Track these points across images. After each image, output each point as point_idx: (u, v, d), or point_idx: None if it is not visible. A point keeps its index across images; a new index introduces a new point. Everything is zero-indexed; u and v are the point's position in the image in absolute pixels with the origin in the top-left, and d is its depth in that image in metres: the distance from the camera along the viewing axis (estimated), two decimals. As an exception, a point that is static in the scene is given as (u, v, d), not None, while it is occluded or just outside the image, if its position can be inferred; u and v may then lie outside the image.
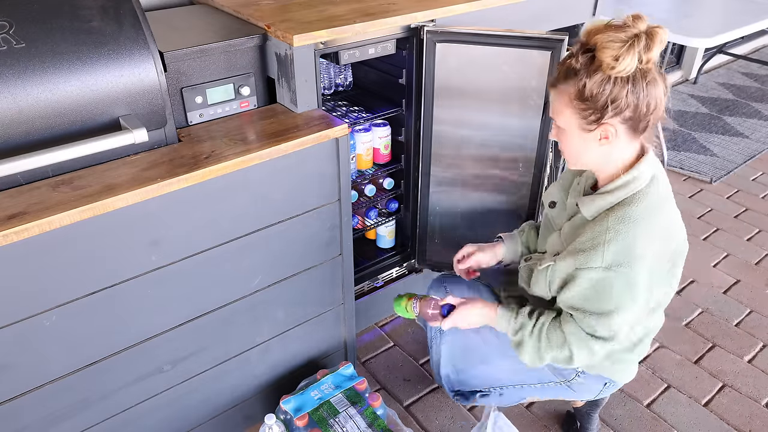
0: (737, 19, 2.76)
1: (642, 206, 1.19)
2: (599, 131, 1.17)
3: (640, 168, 1.20)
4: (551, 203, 1.43)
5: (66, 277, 1.14)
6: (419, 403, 1.83)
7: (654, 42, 1.09)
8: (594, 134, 1.18)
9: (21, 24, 1.10)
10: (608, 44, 1.09)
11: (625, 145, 1.20)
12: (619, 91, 1.11)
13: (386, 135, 1.89)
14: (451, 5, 1.62)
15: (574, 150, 1.24)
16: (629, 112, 1.14)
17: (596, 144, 1.19)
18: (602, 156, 1.22)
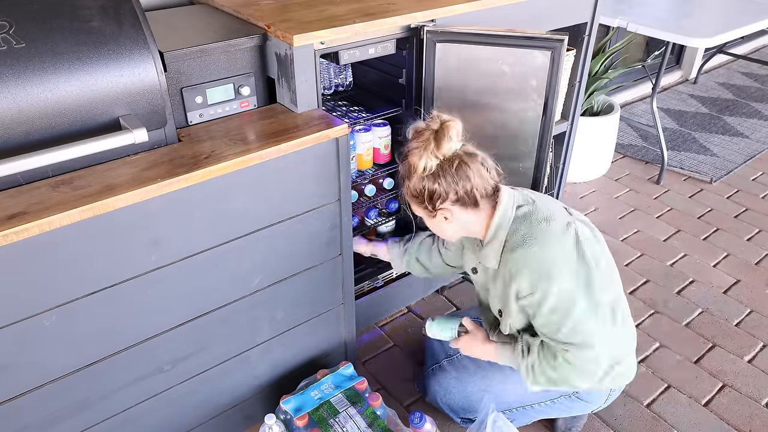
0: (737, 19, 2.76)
1: (521, 234, 1.33)
2: (440, 215, 1.36)
3: (499, 212, 1.35)
4: (473, 269, 1.54)
5: (66, 277, 1.14)
6: (419, 403, 1.83)
7: (442, 138, 1.27)
8: (438, 218, 1.37)
9: (21, 24, 1.10)
10: (413, 152, 1.31)
11: (470, 215, 1.37)
12: (432, 185, 1.31)
13: (386, 135, 1.89)
14: (451, 5, 1.62)
15: (435, 230, 1.44)
16: (453, 196, 1.32)
17: (444, 224, 1.38)
18: (457, 228, 1.40)
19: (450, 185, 1.30)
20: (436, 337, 1.64)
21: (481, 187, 1.33)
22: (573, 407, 1.57)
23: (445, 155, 1.30)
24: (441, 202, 1.33)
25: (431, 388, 1.67)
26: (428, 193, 1.32)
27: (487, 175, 1.34)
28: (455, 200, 1.33)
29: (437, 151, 1.29)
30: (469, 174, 1.31)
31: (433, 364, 1.70)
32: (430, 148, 1.28)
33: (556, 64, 1.60)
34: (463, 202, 1.33)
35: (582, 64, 2.11)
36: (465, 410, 1.63)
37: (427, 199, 1.33)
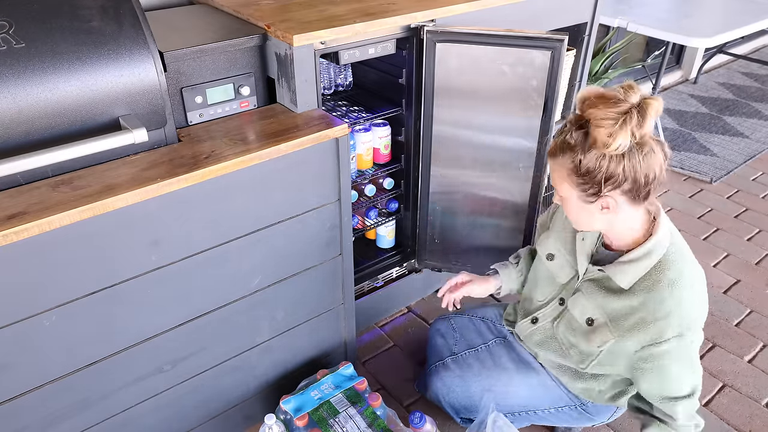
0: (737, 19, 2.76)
1: (682, 267, 1.20)
2: (599, 202, 1.18)
3: (659, 233, 1.22)
4: (549, 255, 1.43)
5: (66, 277, 1.14)
6: (419, 403, 1.83)
7: (646, 116, 1.08)
8: (595, 205, 1.19)
9: (21, 24, 1.10)
10: (601, 122, 1.08)
11: (629, 212, 1.20)
12: (615, 167, 1.11)
13: (386, 135, 1.89)
14: (451, 5, 1.62)
15: (578, 217, 1.26)
16: (627, 185, 1.14)
17: (598, 213, 1.20)
18: (607, 223, 1.23)
19: (633, 171, 1.11)
20: None
21: (658, 181, 1.15)
22: (576, 419, 1.55)
23: (644, 136, 1.10)
24: (613, 188, 1.14)
25: (433, 385, 1.66)
26: (606, 175, 1.12)
27: (664, 170, 1.16)
28: (628, 190, 1.15)
29: (639, 130, 1.08)
30: (654, 164, 1.12)
31: (437, 361, 1.68)
32: (631, 124, 1.07)
33: (556, 64, 1.60)
34: (635, 195, 1.16)
35: (582, 64, 2.11)
36: (466, 410, 1.62)
37: (601, 181, 1.13)
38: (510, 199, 1.86)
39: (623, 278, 1.24)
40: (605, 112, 1.08)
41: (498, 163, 1.80)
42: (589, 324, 1.32)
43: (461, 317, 1.75)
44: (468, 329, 1.70)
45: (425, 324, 2.11)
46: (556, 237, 1.43)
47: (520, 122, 1.72)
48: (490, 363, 1.58)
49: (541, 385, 1.52)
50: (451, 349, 1.67)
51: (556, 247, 1.42)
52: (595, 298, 1.31)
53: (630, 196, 1.16)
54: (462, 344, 1.66)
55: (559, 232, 1.43)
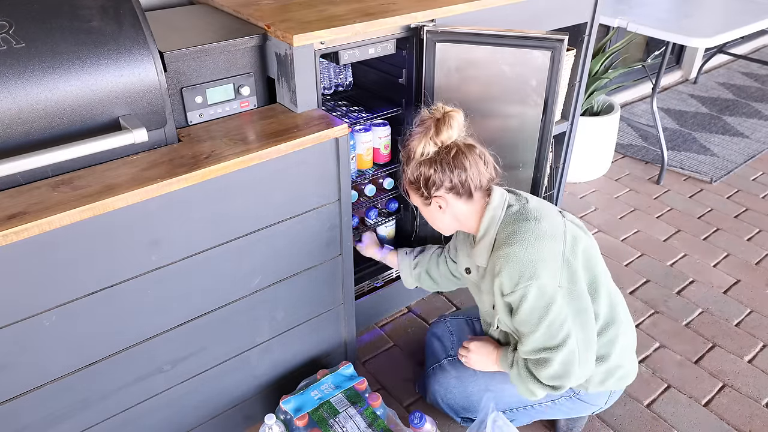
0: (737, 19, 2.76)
1: (507, 232, 1.35)
2: (434, 203, 1.39)
3: (489, 210, 1.38)
4: (467, 270, 1.55)
5: (66, 277, 1.14)
6: (419, 403, 1.83)
7: (442, 126, 1.32)
8: (432, 206, 1.40)
9: (21, 24, 1.10)
10: (414, 137, 1.35)
11: (463, 205, 1.39)
12: (428, 171, 1.34)
13: (386, 135, 1.89)
14: (451, 5, 1.62)
15: (430, 220, 1.47)
16: (448, 184, 1.34)
17: (438, 213, 1.41)
18: (451, 218, 1.42)
19: (445, 172, 1.33)
20: None
21: (477, 179, 1.35)
22: (573, 408, 1.57)
23: (444, 143, 1.33)
24: (436, 189, 1.35)
25: (431, 387, 1.67)
26: (424, 179, 1.35)
27: (483, 168, 1.36)
28: (450, 188, 1.35)
29: (436, 137, 1.32)
30: (465, 164, 1.33)
31: (434, 364, 1.70)
32: (429, 134, 1.32)
33: (556, 64, 1.60)
34: (458, 192, 1.36)
35: (582, 64, 2.11)
36: (465, 410, 1.63)
37: (423, 184, 1.36)
38: (510, 199, 1.85)
39: (480, 258, 1.42)
40: (417, 129, 1.36)
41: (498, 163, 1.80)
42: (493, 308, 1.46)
43: (457, 319, 1.78)
44: (464, 331, 1.73)
45: (425, 324, 2.11)
46: (461, 252, 1.56)
47: (520, 122, 1.72)
48: None
49: None
50: (448, 351, 1.69)
51: (466, 260, 1.54)
52: (483, 287, 1.48)
53: (455, 192, 1.36)
54: (458, 346, 1.67)
55: (461, 246, 1.56)
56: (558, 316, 1.31)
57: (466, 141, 1.36)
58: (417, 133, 1.35)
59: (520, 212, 1.37)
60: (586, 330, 1.37)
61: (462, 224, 1.44)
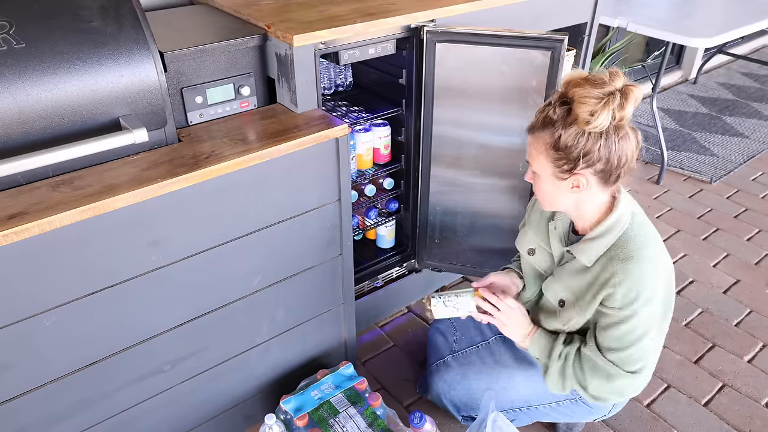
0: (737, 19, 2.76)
1: (637, 245, 1.24)
2: (571, 180, 1.22)
3: (619, 209, 1.26)
4: (530, 250, 1.47)
5: (66, 277, 1.14)
6: (419, 403, 1.83)
7: (628, 100, 1.13)
8: (566, 182, 1.23)
9: (21, 24, 1.10)
10: (585, 100, 1.12)
11: (597, 193, 1.25)
12: (592, 145, 1.16)
13: (386, 135, 1.89)
14: (451, 5, 1.62)
15: (548, 195, 1.29)
16: (601, 165, 1.18)
17: (568, 191, 1.24)
18: (574, 202, 1.27)
19: (608, 152, 1.16)
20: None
21: (628, 167, 1.21)
22: (576, 413, 1.56)
23: (622, 119, 1.15)
24: (585, 167, 1.18)
25: (434, 384, 1.66)
26: (582, 152, 1.16)
27: (635, 161, 1.22)
28: (601, 170, 1.19)
29: (620, 111, 1.13)
30: (628, 149, 1.18)
31: (437, 360, 1.68)
32: (613, 104, 1.11)
33: (556, 64, 1.60)
34: (605, 177, 1.20)
35: (582, 64, 2.11)
36: (468, 407, 1.62)
37: (574, 158, 1.17)
38: (510, 199, 1.86)
39: (585, 256, 1.29)
40: (589, 91, 1.12)
41: (498, 163, 1.80)
42: (561, 305, 1.37)
43: None
44: (468, 327, 1.71)
45: (425, 324, 2.11)
46: (533, 232, 1.46)
47: (520, 122, 1.72)
48: (491, 360, 1.58)
49: (542, 381, 1.52)
50: (452, 347, 1.68)
51: (534, 242, 1.45)
52: (564, 279, 1.35)
53: (601, 176, 1.20)
54: (463, 342, 1.66)
55: (535, 226, 1.46)
56: (646, 347, 1.27)
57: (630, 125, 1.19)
58: (591, 96, 1.11)
59: (644, 225, 1.27)
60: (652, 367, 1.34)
61: (579, 212, 1.29)
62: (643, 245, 1.24)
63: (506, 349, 1.60)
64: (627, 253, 1.23)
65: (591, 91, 1.12)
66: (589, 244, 1.28)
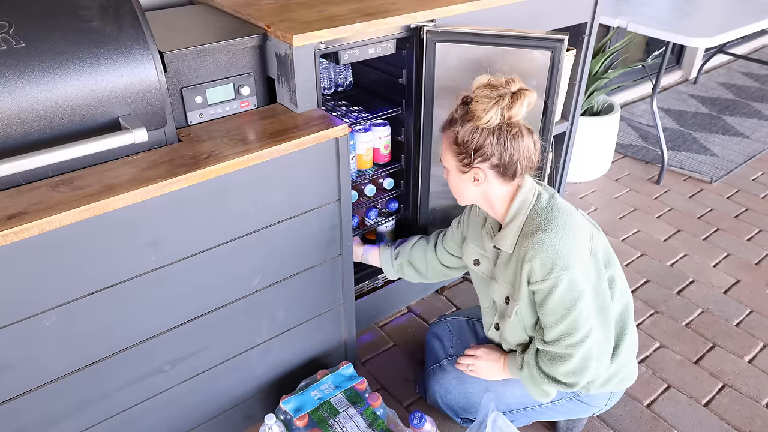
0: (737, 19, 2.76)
1: (542, 221, 1.32)
2: (472, 173, 1.34)
3: (521, 194, 1.36)
4: (475, 261, 1.54)
5: (66, 277, 1.14)
6: (419, 403, 1.83)
7: (516, 102, 1.26)
8: (468, 176, 1.35)
9: (20, 24, 1.10)
10: (480, 99, 1.27)
11: (498, 186, 1.35)
12: (484, 140, 1.28)
13: (386, 135, 1.89)
14: (451, 5, 1.62)
15: (455, 187, 1.42)
16: (495, 160, 1.30)
17: (471, 184, 1.36)
18: (480, 194, 1.38)
19: (500, 147, 1.28)
20: None
21: (524, 165, 1.32)
22: (573, 410, 1.56)
23: (511, 118, 1.28)
24: (482, 161, 1.31)
25: (431, 387, 1.67)
26: (475, 146, 1.29)
27: (534, 157, 1.33)
28: (495, 165, 1.31)
29: (508, 111, 1.26)
30: (521, 146, 1.29)
31: (434, 364, 1.70)
32: (502, 104, 1.25)
33: (556, 64, 1.60)
34: (502, 171, 1.32)
35: (582, 64, 2.11)
36: (465, 410, 1.63)
37: (472, 151, 1.30)
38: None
39: (505, 243, 1.38)
40: (486, 92, 1.26)
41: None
42: (507, 302, 1.43)
43: (457, 319, 1.78)
44: (464, 331, 1.72)
45: (425, 324, 2.11)
46: (473, 243, 1.54)
47: (520, 122, 1.72)
48: None
49: None
50: (447, 351, 1.69)
51: (476, 252, 1.52)
52: (500, 275, 1.43)
53: (498, 171, 1.32)
54: (458, 346, 1.67)
55: (473, 237, 1.54)
56: (584, 310, 1.31)
57: (527, 124, 1.32)
58: (486, 97, 1.26)
59: (551, 202, 1.35)
60: (607, 327, 1.37)
61: (489, 204, 1.40)
62: (548, 217, 1.32)
63: None
64: (534, 226, 1.32)
65: (487, 93, 1.26)
66: (504, 231, 1.38)
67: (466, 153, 1.31)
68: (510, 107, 1.26)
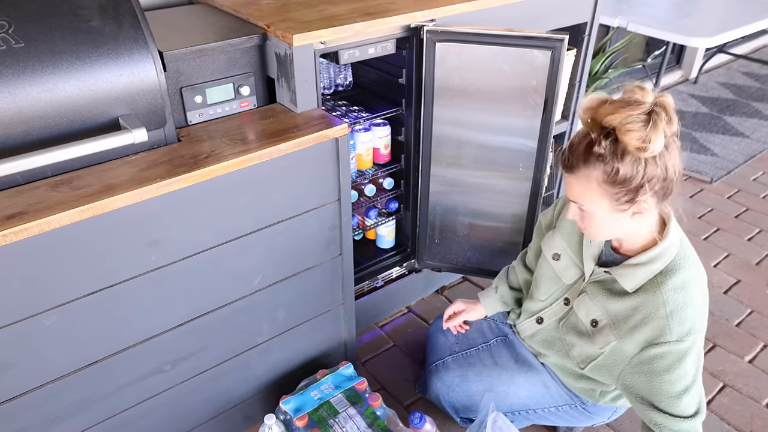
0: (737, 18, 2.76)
1: (687, 272, 1.18)
2: (633, 209, 1.14)
3: (670, 237, 1.20)
4: (555, 255, 1.41)
5: (66, 277, 1.14)
6: (419, 403, 1.83)
7: (671, 112, 1.06)
8: (627, 212, 1.15)
9: (20, 24, 1.09)
10: (630, 126, 1.04)
11: (653, 213, 1.19)
12: (653, 169, 1.09)
13: (386, 135, 1.89)
14: (451, 5, 1.62)
15: (602, 228, 1.21)
16: (659, 184, 1.11)
17: (628, 219, 1.16)
18: (631, 228, 1.20)
19: (665, 170, 1.09)
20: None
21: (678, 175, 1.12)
22: (576, 418, 1.55)
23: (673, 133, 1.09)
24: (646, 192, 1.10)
25: (433, 385, 1.66)
26: (642, 179, 1.08)
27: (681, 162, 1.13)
28: (657, 189, 1.11)
29: (670, 127, 1.06)
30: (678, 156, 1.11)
31: (437, 360, 1.68)
32: (662, 123, 1.04)
33: (556, 64, 1.60)
34: (662, 194, 1.12)
35: (582, 64, 2.11)
36: (467, 409, 1.62)
37: (636, 187, 1.09)
38: (510, 199, 1.86)
39: (629, 281, 1.23)
40: (631, 116, 1.04)
41: (498, 163, 1.80)
42: (594, 325, 1.32)
43: None
44: (470, 328, 1.71)
45: (425, 324, 2.11)
46: (562, 236, 1.42)
47: (521, 122, 1.72)
48: (491, 362, 1.58)
49: (542, 385, 1.52)
50: (452, 348, 1.67)
51: (561, 247, 1.41)
52: (600, 299, 1.31)
53: (659, 194, 1.13)
54: (463, 343, 1.66)
55: (567, 234, 1.41)
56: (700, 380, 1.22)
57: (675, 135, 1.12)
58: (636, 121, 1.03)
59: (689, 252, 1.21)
60: None
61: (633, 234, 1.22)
62: (693, 274, 1.19)
63: (507, 352, 1.59)
64: (677, 282, 1.17)
65: (632, 115, 1.04)
66: (632, 269, 1.21)
67: (629, 189, 1.10)
68: (670, 121, 1.06)
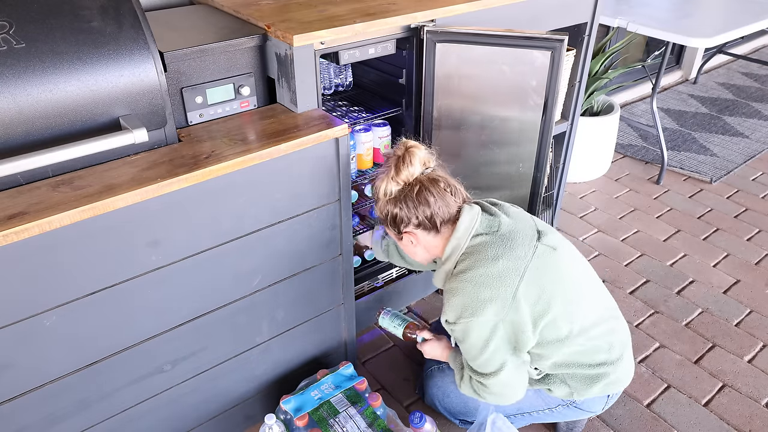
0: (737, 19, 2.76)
1: (464, 265, 1.34)
2: (406, 238, 1.41)
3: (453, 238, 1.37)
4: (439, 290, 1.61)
5: (66, 277, 1.14)
6: (419, 402, 1.83)
7: (402, 166, 1.33)
8: (405, 240, 1.42)
9: (21, 24, 1.10)
10: (377, 176, 1.38)
11: (433, 238, 1.39)
12: (393, 210, 1.37)
13: (386, 135, 1.89)
14: (451, 5, 1.62)
15: (406, 252, 1.48)
16: (415, 220, 1.36)
17: (412, 246, 1.43)
18: (423, 250, 1.44)
19: (411, 210, 1.35)
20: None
21: (444, 213, 1.36)
22: (571, 415, 1.56)
23: (406, 180, 1.34)
24: (405, 226, 1.38)
25: (429, 389, 1.67)
26: (392, 217, 1.38)
27: (451, 200, 1.36)
28: (417, 224, 1.36)
29: (397, 177, 1.34)
30: (429, 200, 1.34)
31: (433, 365, 1.69)
32: (390, 174, 1.34)
33: (556, 64, 1.60)
34: (425, 227, 1.37)
35: (582, 64, 2.11)
36: (463, 414, 1.63)
37: (391, 222, 1.39)
38: (510, 199, 1.86)
39: (437, 281, 1.45)
40: (381, 168, 1.38)
41: (498, 162, 1.80)
42: None
43: None
44: None
45: (425, 324, 2.11)
46: None
47: (520, 122, 1.72)
48: None
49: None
50: None
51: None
52: None
53: (423, 227, 1.37)
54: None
55: None
56: (497, 349, 1.32)
57: (430, 175, 1.35)
58: (381, 173, 1.37)
59: (482, 246, 1.34)
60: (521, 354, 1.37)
61: (432, 254, 1.45)
62: (470, 267, 1.32)
63: None
64: (457, 271, 1.35)
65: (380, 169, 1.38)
66: (439, 271, 1.44)
67: (390, 225, 1.41)
68: (398, 172, 1.33)
